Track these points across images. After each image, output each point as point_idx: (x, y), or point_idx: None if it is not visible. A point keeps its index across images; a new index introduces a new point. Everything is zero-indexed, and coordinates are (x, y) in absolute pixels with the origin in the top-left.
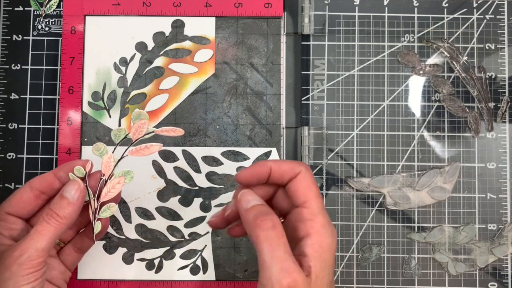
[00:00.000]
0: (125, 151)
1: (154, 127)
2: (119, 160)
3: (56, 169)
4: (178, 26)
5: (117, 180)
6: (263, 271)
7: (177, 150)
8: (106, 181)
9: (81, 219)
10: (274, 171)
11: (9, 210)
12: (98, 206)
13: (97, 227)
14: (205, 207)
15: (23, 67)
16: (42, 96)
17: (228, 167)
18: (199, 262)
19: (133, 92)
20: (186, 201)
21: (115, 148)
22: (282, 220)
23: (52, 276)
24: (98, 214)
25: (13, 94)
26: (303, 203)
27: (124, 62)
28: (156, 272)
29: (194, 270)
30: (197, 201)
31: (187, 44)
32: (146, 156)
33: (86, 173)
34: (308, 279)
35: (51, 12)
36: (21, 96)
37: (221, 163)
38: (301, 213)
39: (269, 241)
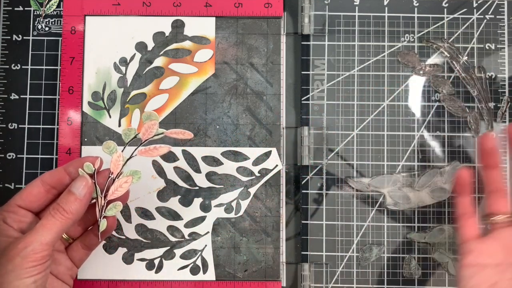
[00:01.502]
0: (134, 150)
1: None
2: (128, 159)
3: (66, 164)
4: (178, 26)
5: (125, 179)
6: None
7: (177, 150)
8: (114, 180)
9: (89, 216)
10: None
11: (20, 203)
12: (105, 204)
13: (103, 225)
14: (205, 207)
15: (23, 67)
16: (42, 96)
17: (228, 167)
18: (199, 262)
19: (133, 92)
20: (186, 201)
21: (124, 147)
22: None
23: (59, 271)
24: (104, 212)
25: (13, 94)
26: None
27: (124, 62)
28: (156, 272)
29: (194, 270)
30: (197, 201)
31: (187, 44)
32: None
33: (95, 170)
34: None
35: (51, 12)
36: (21, 96)
37: (221, 163)
38: None
39: None
